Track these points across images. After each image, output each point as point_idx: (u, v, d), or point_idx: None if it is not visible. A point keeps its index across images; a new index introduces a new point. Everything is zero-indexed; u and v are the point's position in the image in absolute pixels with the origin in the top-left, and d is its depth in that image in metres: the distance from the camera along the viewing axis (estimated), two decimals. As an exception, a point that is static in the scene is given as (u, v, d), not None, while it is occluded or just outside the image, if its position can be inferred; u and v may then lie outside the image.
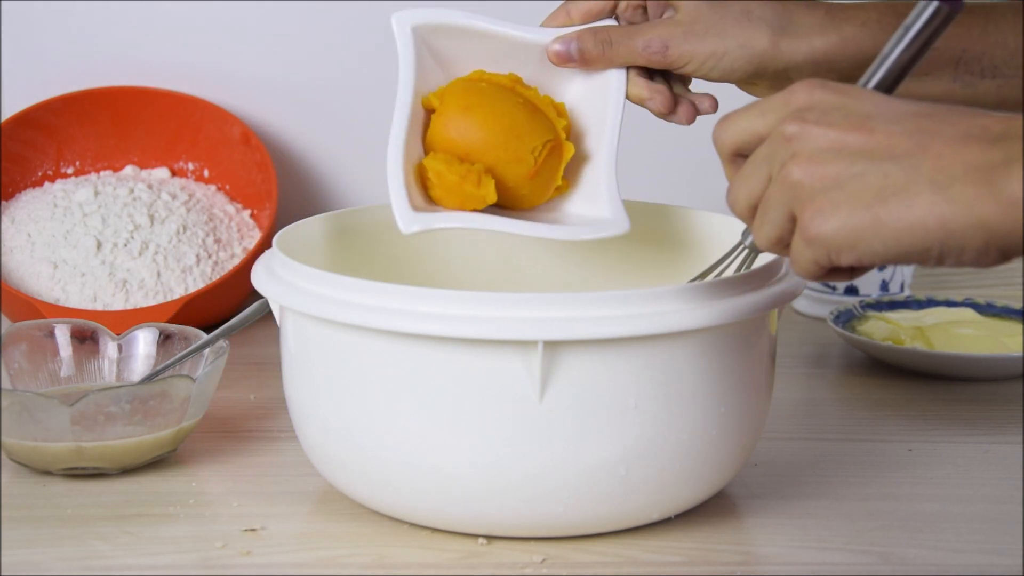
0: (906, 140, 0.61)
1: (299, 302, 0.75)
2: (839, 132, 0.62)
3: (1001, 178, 0.58)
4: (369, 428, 0.74)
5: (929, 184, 0.60)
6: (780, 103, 0.65)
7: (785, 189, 0.63)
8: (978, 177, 0.59)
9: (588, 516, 0.75)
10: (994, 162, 0.59)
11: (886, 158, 0.61)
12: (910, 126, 0.62)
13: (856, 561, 0.75)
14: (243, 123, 1.28)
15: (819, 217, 0.62)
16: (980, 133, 0.60)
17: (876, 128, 0.62)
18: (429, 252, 0.95)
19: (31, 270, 1.16)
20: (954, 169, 0.60)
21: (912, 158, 0.61)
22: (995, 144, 0.59)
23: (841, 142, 0.62)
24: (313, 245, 0.87)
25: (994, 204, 0.59)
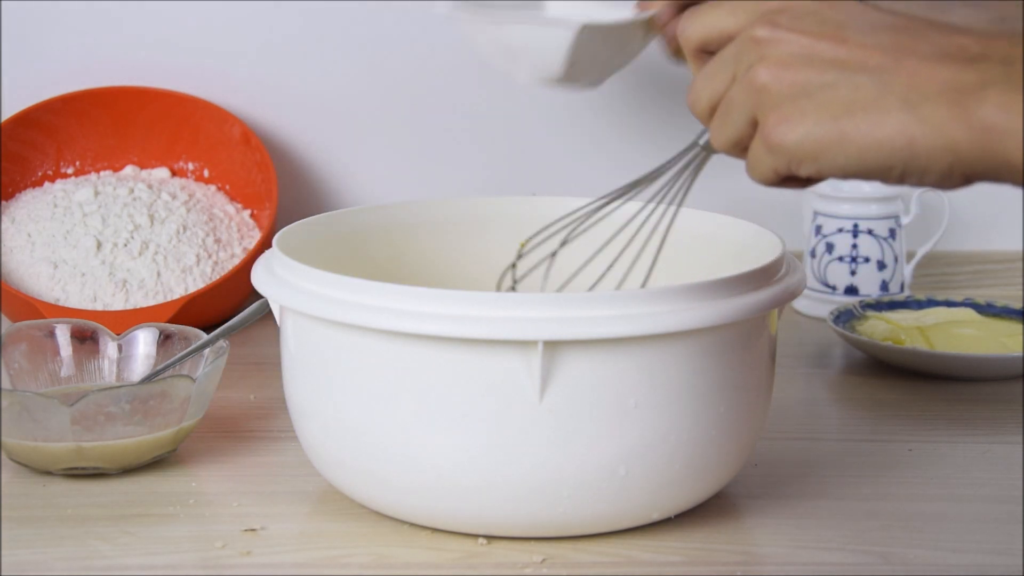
0: (880, 54, 0.60)
1: (299, 302, 0.75)
2: (811, 39, 0.61)
3: (974, 102, 0.57)
4: (369, 428, 0.75)
5: (900, 101, 0.59)
6: (753, 3, 0.64)
7: (750, 92, 0.62)
8: (951, 98, 0.58)
9: (588, 516, 0.75)
10: (968, 84, 0.57)
11: (858, 70, 0.60)
12: (886, 39, 0.60)
13: (856, 561, 0.75)
14: (243, 123, 1.28)
15: (784, 125, 0.61)
16: (957, 52, 0.59)
17: (850, 38, 0.61)
18: (429, 252, 0.95)
19: (31, 270, 1.16)
20: (927, 88, 0.58)
21: (885, 73, 0.59)
22: (971, 65, 0.58)
23: (812, 49, 0.61)
24: (313, 245, 0.87)
25: (964, 127, 0.57)
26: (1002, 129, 0.56)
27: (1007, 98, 0.56)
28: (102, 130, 1.29)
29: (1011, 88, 0.56)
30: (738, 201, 1.32)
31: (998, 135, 0.57)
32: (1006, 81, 0.57)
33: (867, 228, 1.23)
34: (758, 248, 0.84)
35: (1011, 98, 0.56)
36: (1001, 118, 0.56)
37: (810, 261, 1.25)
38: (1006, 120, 0.56)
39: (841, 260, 1.24)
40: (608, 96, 1.36)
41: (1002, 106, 0.57)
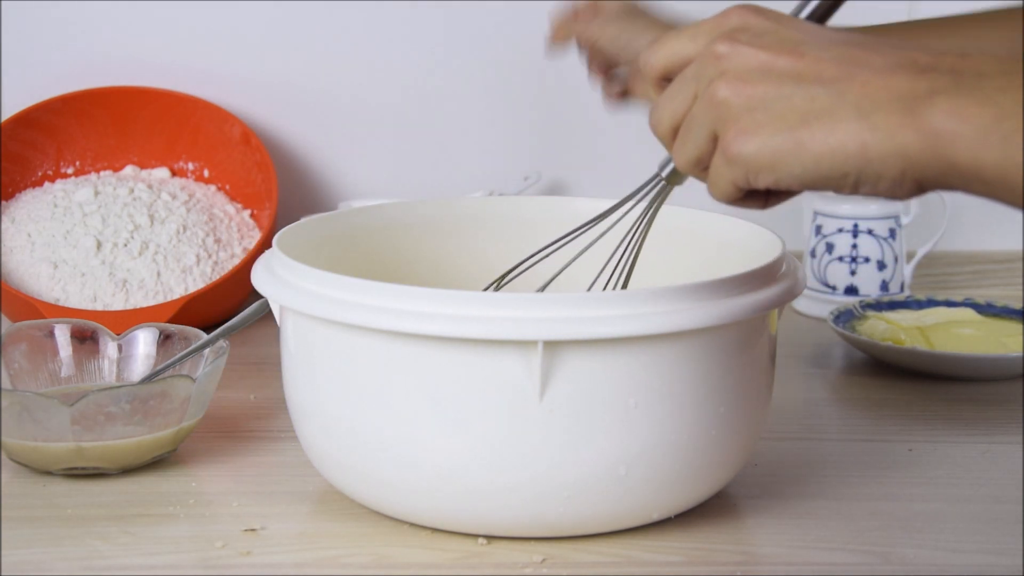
0: (835, 67, 0.61)
1: (299, 302, 0.75)
2: (769, 54, 0.62)
3: (924, 108, 0.59)
4: (369, 428, 0.74)
5: (853, 110, 0.60)
6: (712, 26, 0.66)
7: (710, 107, 0.63)
8: (901, 106, 0.59)
9: (588, 516, 0.75)
10: (918, 92, 0.59)
11: (813, 82, 0.61)
12: (840, 54, 0.62)
13: (856, 561, 0.75)
14: (243, 123, 1.28)
15: (741, 136, 0.62)
16: (908, 64, 0.60)
17: (806, 53, 0.62)
18: (429, 252, 0.95)
19: (31, 270, 1.16)
20: (879, 97, 0.60)
21: (839, 84, 0.61)
22: (921, 74, 0.60)
23: (770, 64, 0.62)
24: (313, 245, 0.87)
25: (914, 133, 0.59)
26: (950, 133, 0.58)
27: (955, 103, 0.58)
28: (102, 130, 1.29)
29: (959, 94, 0.58)
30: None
31: (947, 139, 0.58)
32: (955, 88, 0.59)
33: (867, 228, 1.23)
34: (758, 248, 0.84)
35: (958, 103, 0.58)
36: (949, 123, 0.58)
37: (810, 261, 1.25)
38: (954, 124, 0.58)
39: (841, 260, 1.24)
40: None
41: (950, 111, 0.58)
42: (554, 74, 1.36)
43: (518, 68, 1.35)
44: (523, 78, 1.36)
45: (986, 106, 0.58)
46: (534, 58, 1.36)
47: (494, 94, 1.36)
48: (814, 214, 1.25)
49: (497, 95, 1.36)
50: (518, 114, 1.36)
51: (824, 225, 1.24)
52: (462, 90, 1.35)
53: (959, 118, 0.58)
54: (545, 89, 1.36)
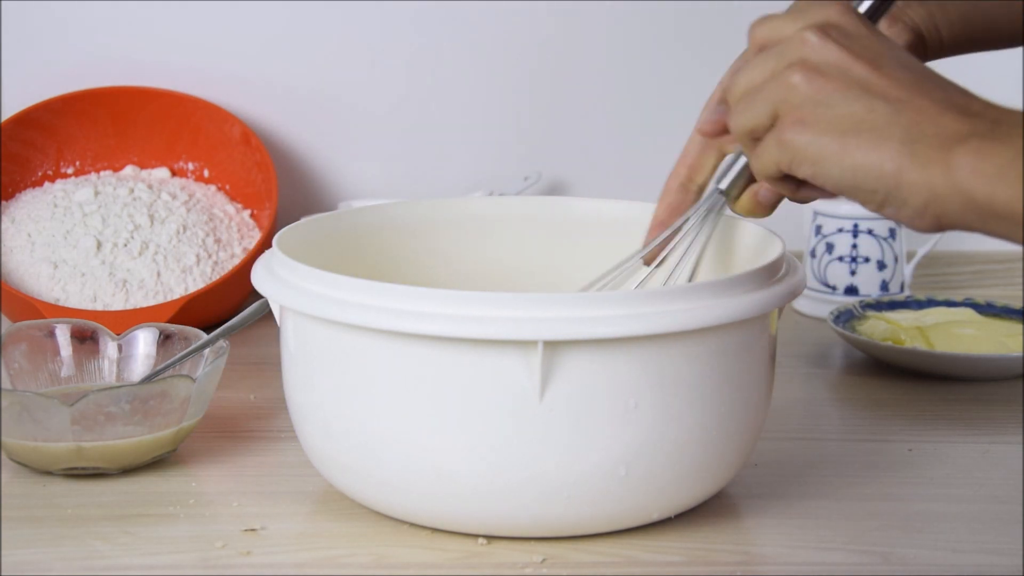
0: (902, 89, 0.65)
1: (299, 302, 0.75)
2: (850, 57, 0.66)
3: (958, 149, 0.62)
4: (369, 428, 0.74)
5: (902, 133, 0.63)
6: (813, 12, 0.68)
7: (781, 87, 0.66)
8: (941, 143, 0.63)
9: (588, 516, 0.75)
10: (960, 133, 0.62)
11: (878, 96, 0.65)
12: (911, 78, 0.65)
13: (856, 561, 0.75)
14: (243, 123, 1.28)
15: (798, 125, 0.66)
16: (962, 107, 0.64)
17: (883, 67, 0.65)
18: (429, 252, 0.94)
19: (31, 270, 1.16)
20: (926, 128, 0.63)
21: (899, 104, 0.64)
22: (967, 118, 0.63)
23: (848, 66, 0.65)
24: (313, 245, 0.87)
25: (944, 171, 0.62)
26: (971, 169, 0.62)
27: (982, 144, 0.62)
28: (102, 130, 1.29)
29: (990, 137, 0.62)
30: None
31: (967, 174, 0.62)
32: (990, 133, 0.62)
33: (867, 228, 1.23)
34: (758, 248, 0.84)
35: (985, 144, 0.62)
36: (972, 160, 0.62)
37: (810, 261, 1.25)
38: (976, 161, 0.62)
39: (841, 260, 1.24)
40: (610, 94, 1.36)
41: (976, 150, 0.62)
42: (554, 74, 1.36)
43: (518, 68, 1.35)
44: (523, 78, 1.36)
45: (1008, 145, 0.61)
46: (534, 58, 1.36)
47: (494, 94, 1.36)
48: (814, 214, 1.25)
49: (497, 95, 1.36)
50: (518, 115, 1.36)
51: (824, 225, 1.24)
52: (462, 90, 1.35)
53: (981, 155, 0.61)
54: (545, 89, 1.36)
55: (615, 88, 1.36)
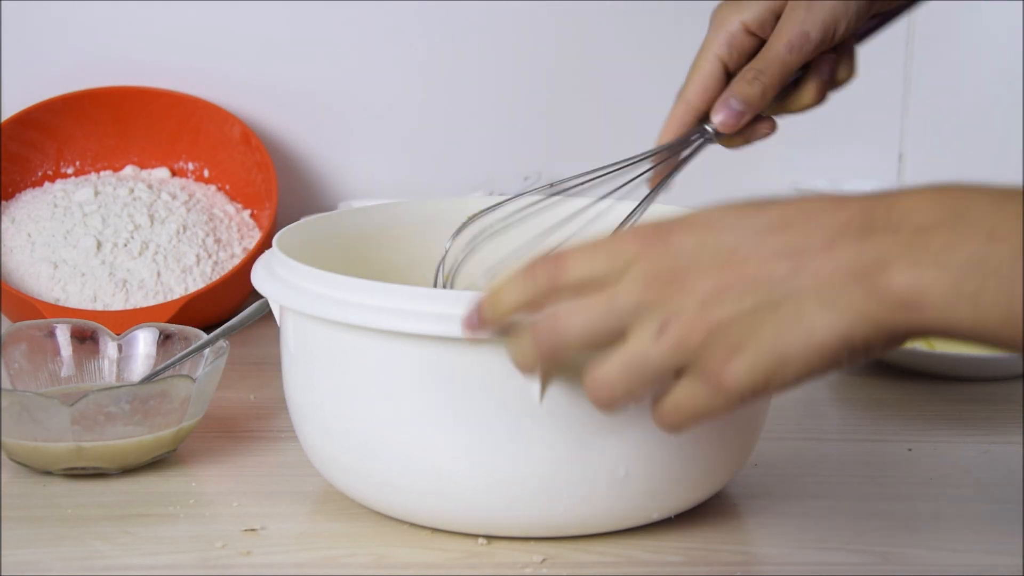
0: (779, 263, 0.60)
1: (299, 302, 0.75)
2: (710, 278, 0.60)
3: (881, 281, 0.58)
4: (369, 428, 0.74)
5: (817, 304, 0.59)
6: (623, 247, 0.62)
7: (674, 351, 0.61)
8: (859, 283, 0.58)
9: (588, 516, 0.75)
10: (867, 264, 0.58)
11: (767, 286, 0.60)
12: (777, 245, 0.60)
13: (856, 561, 0.75)
14: (243, 123, 1.28)
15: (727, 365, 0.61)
16: (845, 230, 0.59)
17: (746, 257, 0.60)
18: (429, 252, 0.94)
19: (31, 270, 1.16)
20: (834, 281, 0.59)
21: (791, 281, 0.59)
22: (864, 240, 0.59)
23: (717, 287, 0.60)
24: (313, 245, 0.87)
25: (884, 307, 0.58)
26: (918, 303, 0.57)
27: (911, 275, 0.58)
28: (102, 130, 1.29)
29: (911, 263, 0.58)
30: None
31: (916, 308, 0.58)
32: (904, 255, 0.58)
33: (867, 228, 1.23)
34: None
35: (914, 274, 0.57)
36: (913, 295, 0.57)
37: (810, 261, 1.25)
38: (918, 295, 0.57)
39: (841, 260, 1.24)
40: (611, 94, 1.36)
41: (910, 285, 0.58)
42: (554, 74, 1.36)
43: (518, 68, 1.35)
44: (523, 78, 1.36)
45: (942, 270, 0.57)
46: (534, 58, 1.36)
47: (494, 94, 1.36)
48: (814, 214, 1.25)
49: (497, 95, 1.36)
50: (518, 114, 1.36)
51: (824, 225, 1.24)
52: (462, 90, 1.35)
53: (921, 290, 0.57)
54: (545, 89, 1.36)
55: (615, 88, 1.36)
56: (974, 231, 0.57)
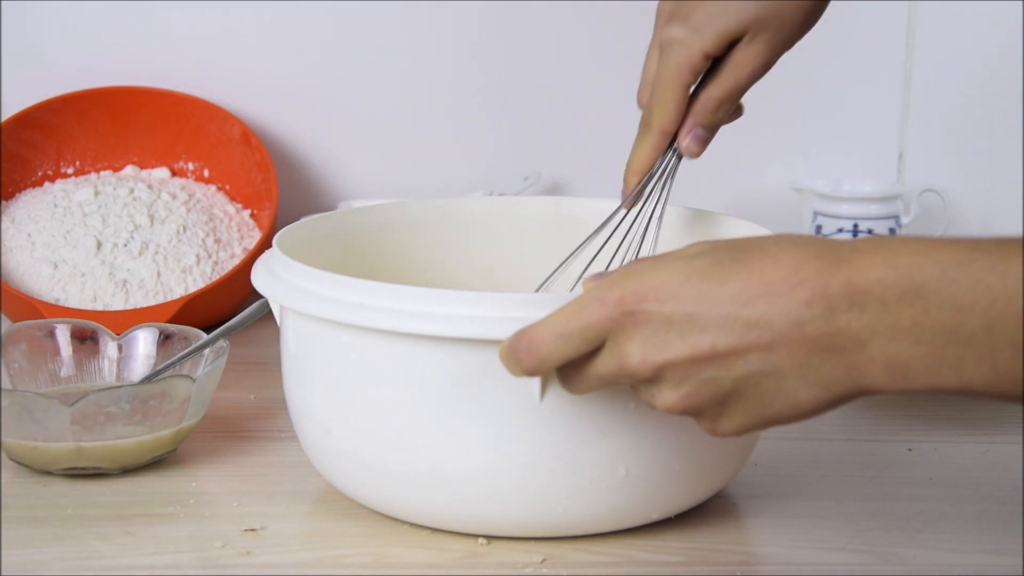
0: (751, 345, 0.62)
1: (299, 302, 0.75)
2: (685, 357, 0.63)
3: (857, 355, 0.61)
4: (369, 428, 0.74)
5: (799, 382, 0.62)
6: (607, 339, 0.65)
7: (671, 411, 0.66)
8: (837, 359, 0.61)
9: (588, 516, 0.75)
10: (842, 342, 0.60)
11: (742, 367, 0.62)
12: (744, 324, 0.62)
13: (856, 561, 0.75)
14: (243, 123, 1.28)
15: (717, 426, 0.65)
16: (808, 309, 0.61)
17: (717, 339, 0.62)
18: (428, 252, 0.95)
19: (31, 270, 1.16)
20: (811, 359, 0.61)
21: (766, 360, 0.62)
22: (831, 320, 0.60)
23: (689, 365, 0.63)
24: (313, 245, 0.87)
25: (863, 376, 0.61)
26: (902, 374, 0.60)
27: (887, 352, 0.60)
28: (102, 130, 1.29)
29: (888, 339, 0.60)
30: (738, 201, 1.32)
31: (900, 376, 0.60)
32: (879, 332, 0.60)
33: (867, 228, 1.23)
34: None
35: (890, 351, 0.60)
36: (897, 369, 0.60)
37: (810, 261, 1.25)
38: (902, 369, 0.60)
39: (841, 260, 1.23)
40: (610, 94, 1.36)
41: (888, 363, 0.60)
42: (554, 75, 1.36)
43: (518, 68, 1.35)
44: (523, 78, 1.36)
45: (919, 344, 0.59)
46: (534, 58, 1.36)
47: (494, 94, 1.36)
48: (814, 214, 1.25)
49: (497, 95, 1.36)
50: (518, 114, 1.36)
51: (824, 225, 1.24)
52: (462, 90, 1.35)
53: (902, 365, 0.60)
54: (545, 89, 1.36)
55: (615, 88, 1.35)
56: (938, 304, 0.59)
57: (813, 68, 1.35)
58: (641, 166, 0.84)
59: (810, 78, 1.35)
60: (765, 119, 1.36)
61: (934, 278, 0.59)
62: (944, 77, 1.36)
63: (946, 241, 0.60)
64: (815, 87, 1.36)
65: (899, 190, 1.24)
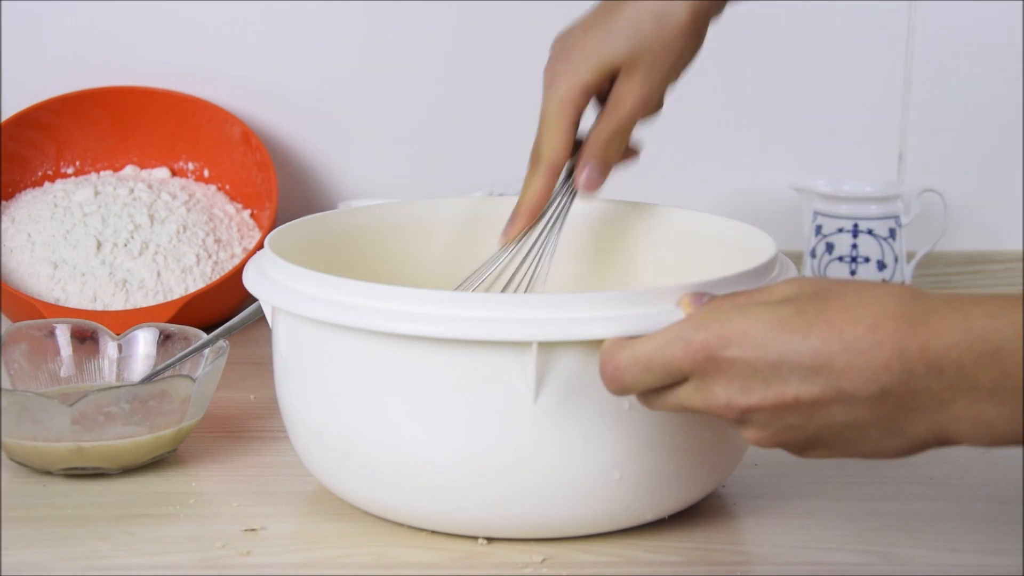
0: (828, 387, 0.63)
1: (291, 303, 0.75)
2: (769, 403, 0.64)
3: (940, 415, 0.62)
4: (363, 430, 0.74)
5: (882, 433, 0.64)
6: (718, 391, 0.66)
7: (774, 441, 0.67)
8: (919, 418, 0.63)
9: (583, 517, 0.75)
10: (923, 404, 0.62)
11: (825, 417, 0.64)
12: (820, 368, 0.63)
13: (856, 561, 0.75)
14: (243, 123, 1.28)
15: (804, 454, 0.67)
16: (887, 373, 0.62)
17: (799, 391, 0.63)
18: (424, 252, 0.94)
19: (31, 270, 1.16)
20: (894, 417, 0.63)
21: (849, 414, 0.63)
22: (910, 383, 0.62)
23: (774, 411, 0.64)
24: (306, 245, 0.87)
25: (946, 434, 0.63)
26: (987, 432, 0.62)
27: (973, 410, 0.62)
28: (102, 130, 1.29)
29: (969, 401, 0.62)
30: (738, 203, 1.32)
31: (985, 436, 0.63)
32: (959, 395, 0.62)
33: (867, 228, 1.23)
34: (750, 247, 0.83)
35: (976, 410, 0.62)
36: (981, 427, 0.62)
37: (810, 261, 1.25)
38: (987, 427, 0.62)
39: (841, 260, 1.24)
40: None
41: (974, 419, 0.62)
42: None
43: (518, 68, 1.35)
44: (523, 78, 1.36)
45: (1002, 405, 0.61)
46: (534, 58, 1.36)
47: (494, 94, 1.36)
48: (814, 214, 1.25)
49: (497, 95, 1.36)
50: (518, 114, 1.36)
51: (824, 225, 1.24)
52: (462, 90, 1.35)
53: (986, 423, 0.62)
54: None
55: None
56: (1015, 364, 0.60)
57: (813, 68, 1.35)
58: (533, 203, 0.85)
59: (810, 78, 1.35)
60: (765, 119, 1.36)
61: (1010, 340, 0.60)
62: (944, 77, 1.36)
63: (1018, 300, 0.61)
64: (815, 87, 1.36)
65: (899, 190, 1.24)
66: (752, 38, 1.33)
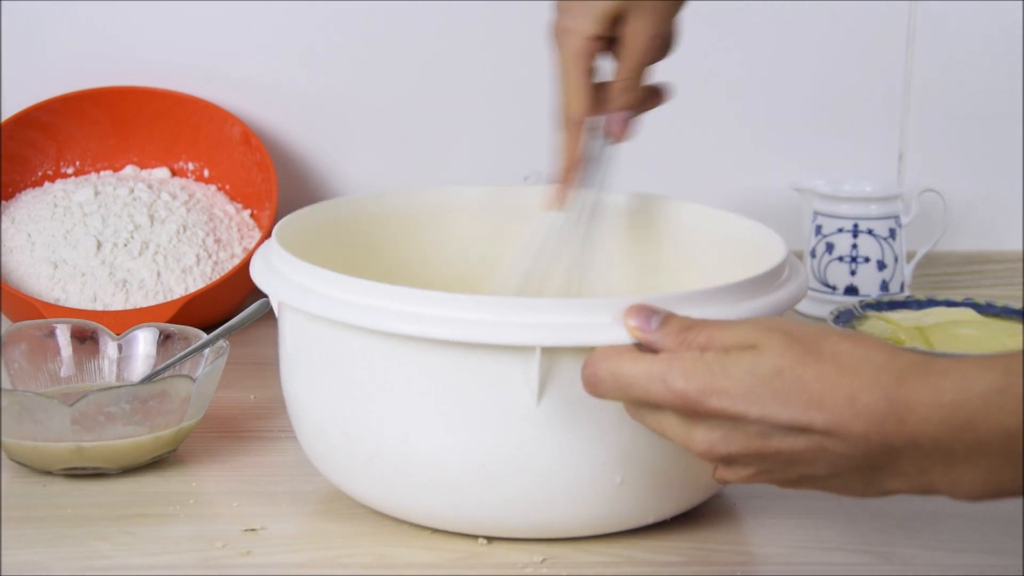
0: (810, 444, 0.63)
1: (298, 299, 0.75)
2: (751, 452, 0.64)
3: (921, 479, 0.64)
4: (366, 429, 0.74)
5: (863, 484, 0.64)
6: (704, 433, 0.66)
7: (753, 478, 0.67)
8: (900, 479, 0.64)
9: (584, 519, 0.75)
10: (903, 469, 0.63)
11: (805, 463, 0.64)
12: (802, 428, 0.63)
13: (856, 561, 0.75)
14: (243, 123, 1.28)
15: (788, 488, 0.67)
16: (867, 443, 0.62)
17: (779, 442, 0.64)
18: (432, 240, 0.94)
19: (31, 270, 1.16)
20: (875, 476, 0.64)
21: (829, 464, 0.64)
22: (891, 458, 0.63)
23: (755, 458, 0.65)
24: (313, 234, 0.86)
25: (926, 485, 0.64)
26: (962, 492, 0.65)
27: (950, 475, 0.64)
28: (102, 130, 1.29)
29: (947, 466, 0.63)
30: (738, 202, 1.32)
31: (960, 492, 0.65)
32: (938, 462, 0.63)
33: (867, 228, 1.23)
34: (760, 248, 0.83)
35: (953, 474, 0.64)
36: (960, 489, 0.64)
37: (810, 261, 1.25)
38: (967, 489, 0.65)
39: (841, 260, 1.24)
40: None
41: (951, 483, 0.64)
42: (554, 73, 1.36)
43: (518, 67, 1.35)
44: (523, 77, 1.36)
45: (976, 468, 0.63)
46: (534, 57, 1.36)
47: (493, 93, 1.36)
48: (814, 214, 1.25)
49: (497, 94, 1.36)
50: (518, 113, 1.36)
51: (824, 225, 1.24)
52: (461, 89, 1.35)
53: (966, 485, 0.64)
54: (545, 88, 1.36)
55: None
56: (988, 431, 0.62)
57: (813, 68, 1.35)
58: (570, 159, 0.86)
59: (810, 78, 1.35)
60: (765, 119, 1.35)
61: (980, 409, 0.61)
62: (944, 77, 1.36)
63: (985, 365, 0.62)
64: (815, 87, 1.36)
65: (899, 190, 1.24)
66: (752, 38, 1.33)
